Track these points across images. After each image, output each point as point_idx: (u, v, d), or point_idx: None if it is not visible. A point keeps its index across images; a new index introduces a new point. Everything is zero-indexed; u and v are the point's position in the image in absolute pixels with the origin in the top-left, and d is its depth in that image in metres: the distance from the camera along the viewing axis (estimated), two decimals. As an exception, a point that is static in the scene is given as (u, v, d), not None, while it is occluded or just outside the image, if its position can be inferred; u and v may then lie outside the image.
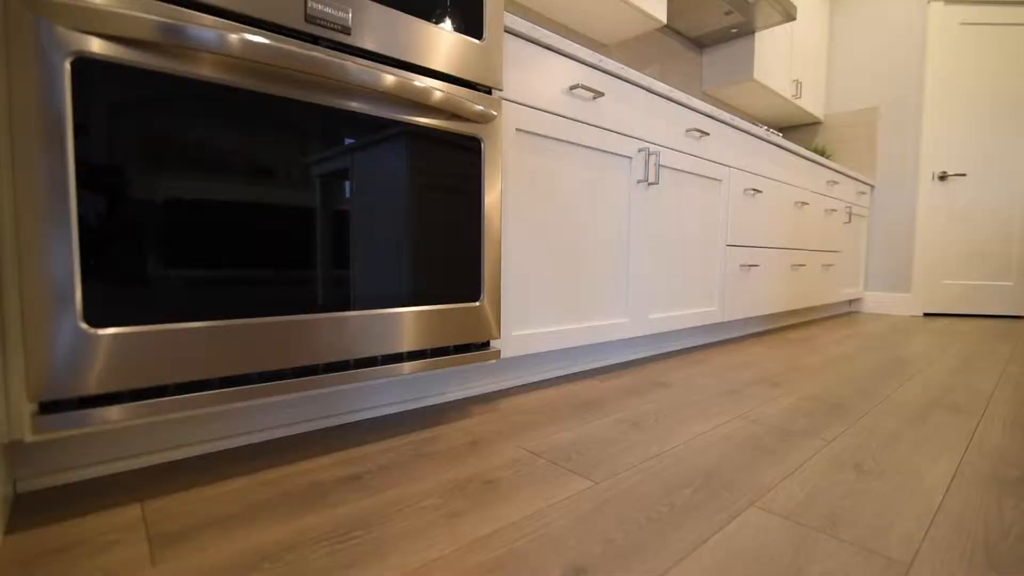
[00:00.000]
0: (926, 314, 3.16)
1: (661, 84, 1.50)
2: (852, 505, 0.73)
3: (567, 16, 1.99)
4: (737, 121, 1.86)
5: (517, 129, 1.15)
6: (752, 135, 1.98)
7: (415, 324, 0.93)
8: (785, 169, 2.25)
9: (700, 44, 2.81)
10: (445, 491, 0.73)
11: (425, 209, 0.94)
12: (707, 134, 1.70)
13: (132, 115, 0.64)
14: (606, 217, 1.40)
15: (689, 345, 1.91)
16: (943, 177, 3.09)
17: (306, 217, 0.79)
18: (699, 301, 1.79)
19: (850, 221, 2.94)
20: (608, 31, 2.12)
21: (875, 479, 0.82)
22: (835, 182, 2.72)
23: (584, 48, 1.26)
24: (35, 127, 0.58)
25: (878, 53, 3.19)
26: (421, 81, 0.91)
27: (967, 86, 3.04)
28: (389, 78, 0.82)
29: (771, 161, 2.13)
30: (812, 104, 3.25)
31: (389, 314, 0.89)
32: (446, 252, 0.98)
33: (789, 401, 1.23)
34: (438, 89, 0.90)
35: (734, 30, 2.61)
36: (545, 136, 1.21)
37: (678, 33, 2.68)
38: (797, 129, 3.58)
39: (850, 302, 3.33)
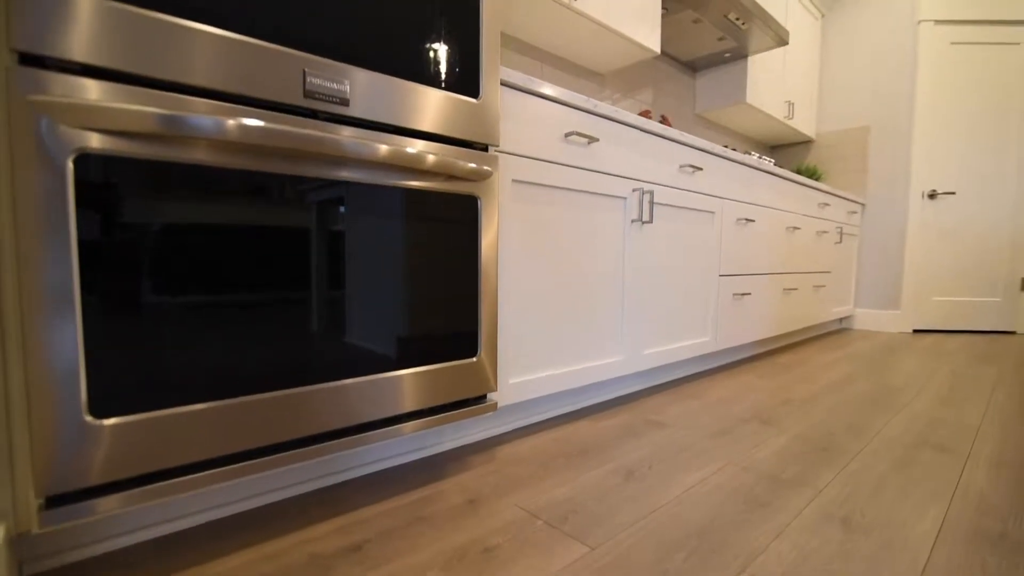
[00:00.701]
0: (915, 331, 3.20)
1: (654, 123, 1.53)
2: (840, 568, 0.75)
3: (563, 48, 2.01)
4: (730, 153, 1.89)
5: (513, 180, 1.17)
6: (745, 165, 2.01)
7: (414, 385, 0.94)
8: (777, 195, 2.28)
9: (694, 67, 2.84)
10: (445, 561, 0.74)
11: (422, 270, 0.95)
12: (700, 169, 1.72)
13: (135, 205, 0.65)
14: (601, 258, 1.42)
15: (682, 375, 1.93)
16: (933, 195, 3.14)
17: (304, 287, 0.80)
18: (692, 332, 1.82)
19: (841, 241, 2.97)
20: (603, 61, 2.14)
21: (863, 536, 0.84)
22: (826, 204, 2.76)
23: (579, 95, 1.28)
24: (39, 225, 0.59)
25: (869, 73, 3.23)
26: (415, 147, 0.92)
27: (957, 105, 3.09)
28: (384, 148, 0.84)
29: (763, 188, 2.16)
30: (804, 124, 3.29)
31: (388, 378, 0.90)
32: (444, 311, 0.99)
33: (780, 442, 1.25)
34: (432, 153, 0.91)
35: (727, 54, 2.64)
36: (541, 184, 1.23)
37: (671, 58, 2.70)
38: (789, 147, 3.62)
39: (841, 319, 3.37)
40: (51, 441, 0.60)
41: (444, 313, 0.99)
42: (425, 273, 0.96)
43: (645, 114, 2.54)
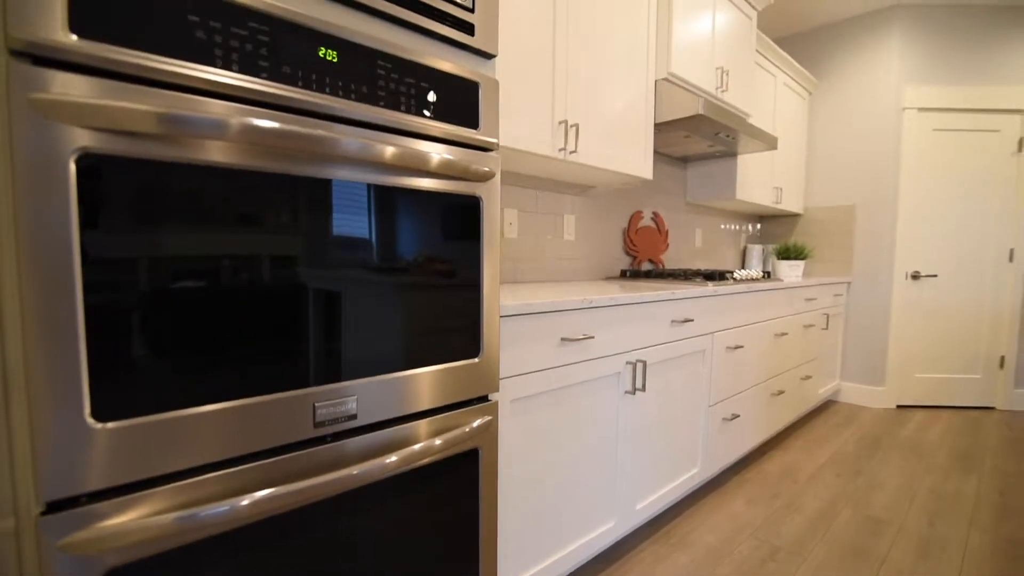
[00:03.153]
0: (899, 406, 3.30)
1: (649, 292, 1.57)
2: None
3: (560, 176, 2.04)
4: (722, 288, 1.94)
5: (512, 400, 1.20)
6: (736, 293, 2.06)
7: (418, 649, 0.98)
8: (766, 306, 2.33)
9: (685, 160, 2.88)
10: None
11: (417, 543, 0.99)
12: (692, 320, 1.77)
13: (156, 597, 0.68)
14: (596, 434, 1.47)
15: (669, 503, 1.98)
16: (916, 276, 3.22)
17: (316, 598, 0.84)
18: (682, 469, 1.87)
19: (827, 327, 3.05)
20: (597, 182, 2.18)
21: None
22: (813, 298, 2.83)
23: (573, 299, 1.32)
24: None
25: (855, 155, 3.30)
26: (420, 436, 0.96)
27: (939, 190, 3.17)
28: (392, 460, 0.87)
29: (753, 306, 2.22)
30: (792, 203, 3.36)
31: (394, 654, 0.94)
32: (444, 569, 1.03)
33: (767, 634, 1.31)
34: (438, 434, 0.95)
35: (718, 154, 2.69)
36: (538, 394, 1.27)
37: (662, 155, 2.75)
38: (777, 218, 3.69)
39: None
40: None
41: (444, 570, 1.03)
42: (424, 537, 1.00)
43: (637, 216, 2.59)
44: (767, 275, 2.54)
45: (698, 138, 2.35)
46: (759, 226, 3.77)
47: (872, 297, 3.27)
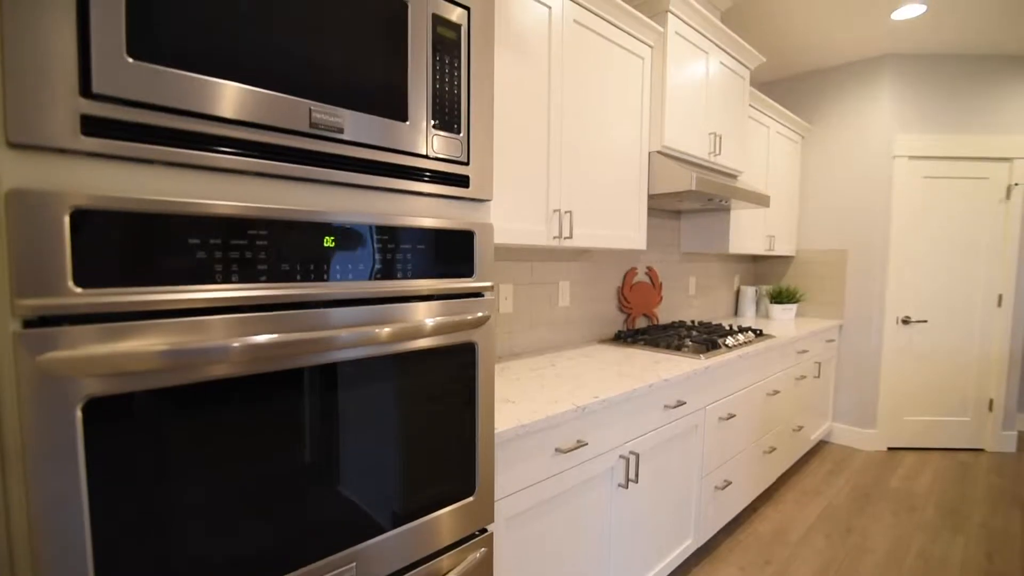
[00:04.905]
0: (890, 448, 3.34)
1: (643, 386, 1.59)
2: None
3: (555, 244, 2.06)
4: (714, 360, 1.96)
5: (507, 518, 1.23)
6: (728, 362, 2.09)
7: None
8: (759, 367, 2.37)
9: (678, 212, 2.91)
10: None
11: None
12: (684, 403, 1.80)
13: None
14: (588, 531, 1.49)
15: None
16: (907, 321, 3.26)
17: None
18: (675, 543, 1.90)
19: (819, 375, 3.09)
20: (595, 248, 2.20)
21: None
22: (805, 350, 2.86)
23: (567, 409, 1.34)
24: None
25: (847, 202, 3.34)
26: None
27: (929, 236, 3.22)
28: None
29: (746, 370, 2.25)
30: (785, 248, 3.40)
31: None
32: None
33: None
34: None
35: (711, 209, 2.72)
36: (532, 507, 1.30)
37: (657, 210, 2.78)
38: (771, 260, 3.72)
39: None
40: None
41: None
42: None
43: (631, 273, 2.61)
44: (759, 333, 2.57)
45: (691, 201, 2.38)
46: (753, 267, 3.81)
47: (863, 341, 3.31)
